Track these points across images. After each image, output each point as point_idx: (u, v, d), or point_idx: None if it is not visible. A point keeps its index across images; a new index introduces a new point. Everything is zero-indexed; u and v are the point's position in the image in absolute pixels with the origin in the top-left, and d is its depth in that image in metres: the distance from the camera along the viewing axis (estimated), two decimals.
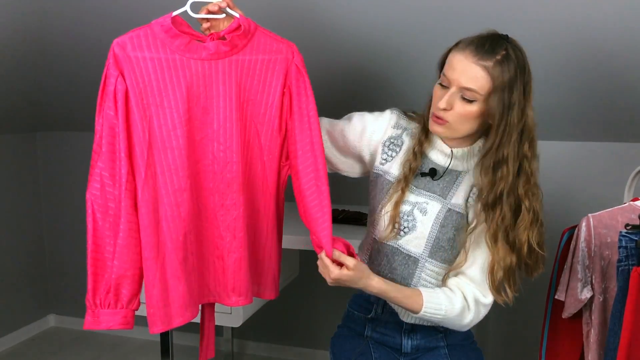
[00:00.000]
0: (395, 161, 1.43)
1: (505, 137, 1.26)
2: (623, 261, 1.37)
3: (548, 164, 2.30)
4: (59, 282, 3.24)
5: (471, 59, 1.25)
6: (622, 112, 2.06)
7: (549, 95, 2.04)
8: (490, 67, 1.24)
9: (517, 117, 1.25)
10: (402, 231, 1.39)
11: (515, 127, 1.26)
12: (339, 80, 2.17)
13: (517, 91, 1.25)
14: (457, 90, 1.27)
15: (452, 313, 1.34)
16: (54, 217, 3.19)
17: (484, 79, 1.24)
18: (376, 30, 1.89)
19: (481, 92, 1.25)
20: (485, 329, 2.46)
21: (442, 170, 1.40)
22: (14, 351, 2.97)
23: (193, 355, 2.88)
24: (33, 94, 2.62)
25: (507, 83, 1.24)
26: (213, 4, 1.29)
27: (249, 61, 1.31)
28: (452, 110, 1.28)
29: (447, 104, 1.27)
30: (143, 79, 1.24)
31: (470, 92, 1.26)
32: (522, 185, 1.28)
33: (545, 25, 1.73)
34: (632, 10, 1.60)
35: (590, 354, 1.53)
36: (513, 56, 1.25)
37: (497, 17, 1.69)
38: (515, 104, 1.25)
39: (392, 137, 1.44)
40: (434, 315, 1.34)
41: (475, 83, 1.25)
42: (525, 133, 1.27)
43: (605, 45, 1.76)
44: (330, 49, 2.01)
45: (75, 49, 2.27)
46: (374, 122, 1.46)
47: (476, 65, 1.24)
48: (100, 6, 2.01)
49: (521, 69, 1.26)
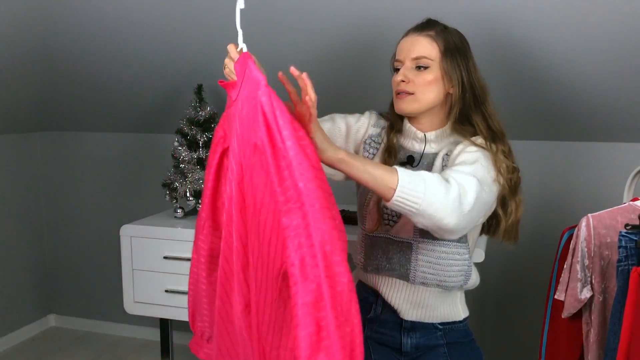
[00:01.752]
0: (376, 158, 1.48)
1: (480, 96, 1.38)
2: (623, 261, 1.38)
3: (548, 164, 2.31)
4: (59, 282, 3.24)
5: (414, 35, 1.38)
6: (622, 112, 2.06)
7: (549, 95, 2.04)
8: (433, 35, 1.36)
9: (476, 79, 1.38)
10: (391, 221, 1.42)
11: (482, 87, 1.38)
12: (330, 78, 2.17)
13: (471, 59, 1.38)
14: (409, 63, 1.36)
15: (434, 183, 1.16)
16: (54, 217, 3.19)
17: (430, 45, 1.35)
18: (366, 26, 1.90)
19: (431, 57, 1.35)
20: (485, 329, 2.46)
21: (419, 156, 1.43)
22: (14, 351, 2.97)
23: (193, 355, 2.88)
24: (33, 94, 2.62)
25: (458, 48, 1.36)
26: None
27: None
28: (410, 82, 1.36)
29: (403, 76, 1.37)
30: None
31: (422, 60, 1.35)
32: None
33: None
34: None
35: (590, 353, 1.53)
36: (453, 30, 1.39)
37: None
38: (475, 69, 1.38)
39: (373, 136, 1.50)
40: (413, 190, 1.14)
41: (423, 50, 1.35)
42: (488, 95, 1.40)
43: (604, 45, 1.76)
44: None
45: (76, 49, 2.27)
46: (357, 122, 1.52)
47: (419, 36, 1.37)
48: (100, 7, 2.01)
49: (466, 42, 1.39)
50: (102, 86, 2.53)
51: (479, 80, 1.40)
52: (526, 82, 1.99)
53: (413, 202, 1.15)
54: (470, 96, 1.38)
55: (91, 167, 3.06)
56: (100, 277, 3.11)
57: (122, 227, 2.24)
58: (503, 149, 1.35)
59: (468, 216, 1.20)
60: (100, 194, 3.05)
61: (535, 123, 2.20)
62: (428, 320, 1.46)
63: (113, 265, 2.93)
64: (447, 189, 1.17)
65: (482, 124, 1.37)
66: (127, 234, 2.23)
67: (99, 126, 2.93)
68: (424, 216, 1.17)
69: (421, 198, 1.14)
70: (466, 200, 1.19)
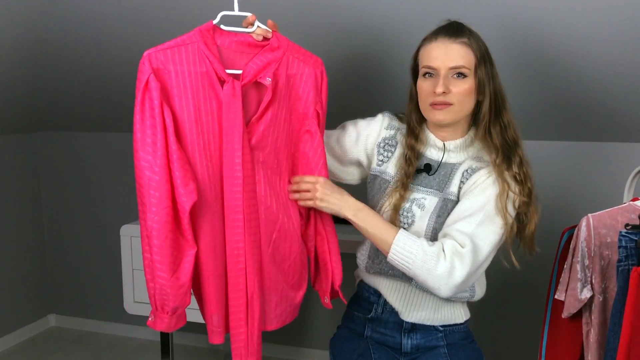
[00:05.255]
0: (391, 161, 1.46)
1: (500, 104, 1.36)
2: (623, 261, 1.37)
3: (548, 164, 2.31)
4: (59, 282, 3.24)
5: (448, 42, 1.33)
6: (622, 112, 2.06)
7: (549, 95, 2.04)
8: (467, 42, 1.33)
9: (499, 86, 1.37)
10: (401, 228, 1.40)
11: (503, 95, 1.36)
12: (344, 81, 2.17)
13: (492, 64, 1.36)
14: (446, 72, 1.33)
15: (425, 253, 1.28)
16: (54, 217, 3.19)
17: (467, 54, 1.33)
18: (384, 26, 1.90)
19: (469, 65, 1.33)
20: (485, 329, 2.46)
21: (437, 165, 1.42)
22: (14, 351, 2.97)
23: (193, 355, 2.88)
24: (33, 94, 2.62)
25: (488, 55, 1.35)
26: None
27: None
28: (450, 92, 1.33)
29: (444, 87, 1.32)
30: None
31: (461, 69, 1.33)
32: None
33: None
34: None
35: (590, 354, 1.53)
36: (476, 34, 1.36)
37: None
38: (496, 74, 1.36)
39: (387, 138, 1.48)
40: (405, 249, 1.29)
41: (462, 59, 1.32)
42: (506, 102, 1.39)
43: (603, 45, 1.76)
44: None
45: (76, 49, 2.27)
46: (367, 126, 1.49)
47: (454, 44, 1.32)
48: (100, 7, 2.01)
49: (485, 45, 1.36)
50: (103, 86, 2.53)
51: (500, 86, 1.38)
52: (525, 82, 1.99)
53: (406, 265, 1.29)
54: (493, 104, 1.36)
55: (91, 167, 3.06)
56: (100, 277, 3.11)
57: (122, 227, 2.24)
58: (516, 172, 1.34)
59: (462, 285, 1.29)
60: (100, 194, 3.05)
61: (535, 123, 2.20)
62: (429, 323, 1.46)
63: (113, 265, 2.93)
64: (436, 263, 1.26)
65: (498, 138, 1.36)
66: (127, 234, 2.23)
67: (99, 126, 2.93)
68: (419, 282, 1.33)
69: (411, 265, 1.28)
70: (457, 274, 1.27)
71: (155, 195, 1.19)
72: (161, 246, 1.21)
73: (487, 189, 1.34)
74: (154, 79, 1.20)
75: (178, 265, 1.24)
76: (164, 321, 1.28)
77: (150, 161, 1.19)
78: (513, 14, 1.73)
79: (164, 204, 1.20)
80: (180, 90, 1.23)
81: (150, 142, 1.19)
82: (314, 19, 1.90)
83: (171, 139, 1.20)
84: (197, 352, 2.90)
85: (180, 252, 1.24)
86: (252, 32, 1.30)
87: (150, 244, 1.21)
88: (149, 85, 1.20)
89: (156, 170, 1.19)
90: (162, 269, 1.22)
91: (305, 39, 1.52)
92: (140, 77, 1.20)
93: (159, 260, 1.22)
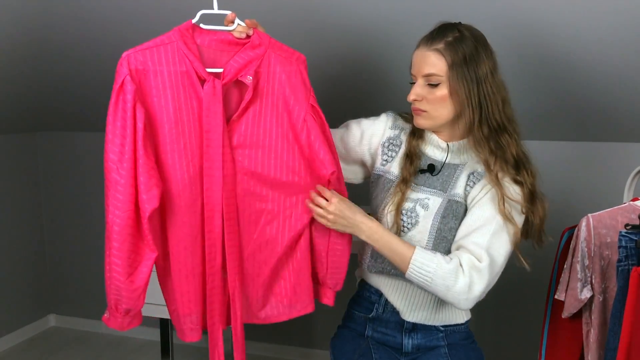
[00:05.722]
0: (395, 161, 1.45)
1: (490, 107, 1.31)
2: (623, 261, 1.37)
3: (548, 164, 2.30)
4: (59, 282, 3.24)
5: (424, 49, 1.34)
6: (622, 112, 2.06)
7: (549, 95, 2.04)
8: (441, 48, 1.31)
9: (491, 88, 1.31)
10: (405, 228, 1.40)
11: (494, 97, 1.31)
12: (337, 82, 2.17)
13: (484, 64, 1.31)
14: (421, 80, 1.34)
15: (443, 270, 1.28)
16: (54, 217, 3.19)
17: (438, 61, 1.32)
18: (379, 26, 1.90)
19: (440, 73, 1.32)
20: (485, 329, 2.46)
21: (440, 165, 1.42)
22: (14, 351, 2.97)
23: (193, 355, 2.88)
24: (33, 94, 2.62)
25: (467, 59, 1.30)
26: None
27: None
28: (423, 100, 1.35)
29: (415, 95, 1.35)
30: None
31: (431, 77, 1.33)
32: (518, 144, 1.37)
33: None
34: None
35: (590, 353, 1.53)
36: (468, 34, 1.32)
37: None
38: (487, 76, 1.31)
39: (391, 138, 1.48)
40: (423, 268, 1.29)
41: (432, 67, 1.32)
42: (506, 103, 1.35)
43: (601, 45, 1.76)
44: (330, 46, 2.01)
45: (76, 49, 2.27)
46: (372, 125, 1.49)
47: (428, 51, 1.33)
48: (100, 7, 2.01)
49: (482, 44, 1.32)
50: (103, 86, 2.53)
51: (492, 90, 1.32)
52: (525, 82, 1.99)
53: (425, 282, 1.30)
54: (477, 109, 1.32)
55: (91, 167, 3.05)
56: (100, 277, 3.07)
57: None
58: (516, 177, 1.34)
59: (481, 297, 1.33)
60: (100, 194, 3.01)
61: (535, 123, 2.20)
62: (429, 323, 1.46)
63: None
64: (455, 280, 1.28)
65: (487, 142, 1.34)
66: None
67: (99, 126, 2.92)
68: (438, 297, 1.34)
69: (430, 282, 1.29)
70: (476, 288, 1.30)
71: (118, 198, 1.20)
72: (119, 248, 1.22)
73: (496, 197, 1.34)
74: (129, 81, 1.20)
75: (135, 269, 1.25)
76: (117, 320, 1.31)
77: (117, 163, 1.20)
78: (513, 14, 1.73)
79: (127, 207, 1.20)
80: (160, 91, 1.24)
81: (118, 144, 1.20)
82: (296, 17, 1.90)
83: (139, 144, 1.20)
84: (197, 352, 2.90)
85: (139, 255, 1.25)
86: (232, 30, 1.30)
87: (109, 245, 1.22)
88: (124, 87, 1.20)
89: (122, 173, 1.20)
90: (118, 270, 1.24)
91: (297, 38, 1.52)
92: (116, 78, 1.21)
93: (116, 262, 1.23)
